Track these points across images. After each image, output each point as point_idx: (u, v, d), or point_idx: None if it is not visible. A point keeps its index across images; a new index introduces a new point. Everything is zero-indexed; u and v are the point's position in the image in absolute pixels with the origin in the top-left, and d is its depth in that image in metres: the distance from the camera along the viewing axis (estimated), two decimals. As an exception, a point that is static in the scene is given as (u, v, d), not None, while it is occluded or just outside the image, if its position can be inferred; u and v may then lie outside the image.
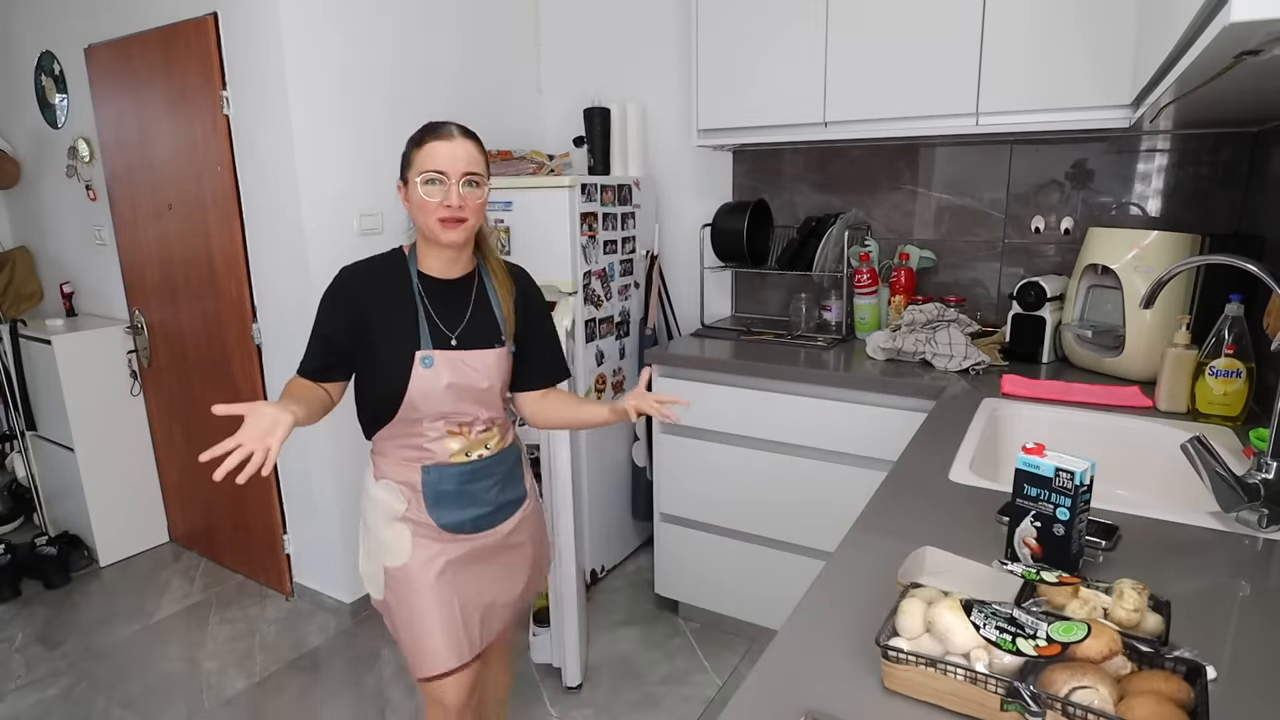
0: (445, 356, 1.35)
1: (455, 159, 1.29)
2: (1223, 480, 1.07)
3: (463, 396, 1.38)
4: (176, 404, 2.93)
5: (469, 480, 1.42)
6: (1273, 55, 0.86)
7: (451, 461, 1.41)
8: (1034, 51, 1.87)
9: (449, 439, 1.40)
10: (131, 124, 2.72)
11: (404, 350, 1.34)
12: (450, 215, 1.29)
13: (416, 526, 1.41)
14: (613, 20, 2.90)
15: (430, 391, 1.34)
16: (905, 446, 1.43)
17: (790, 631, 0.85)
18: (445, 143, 1.30)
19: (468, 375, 1.37)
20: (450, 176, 1.28)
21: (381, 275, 1.38)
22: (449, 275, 1.40)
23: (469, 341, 1.38)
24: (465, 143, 1.31)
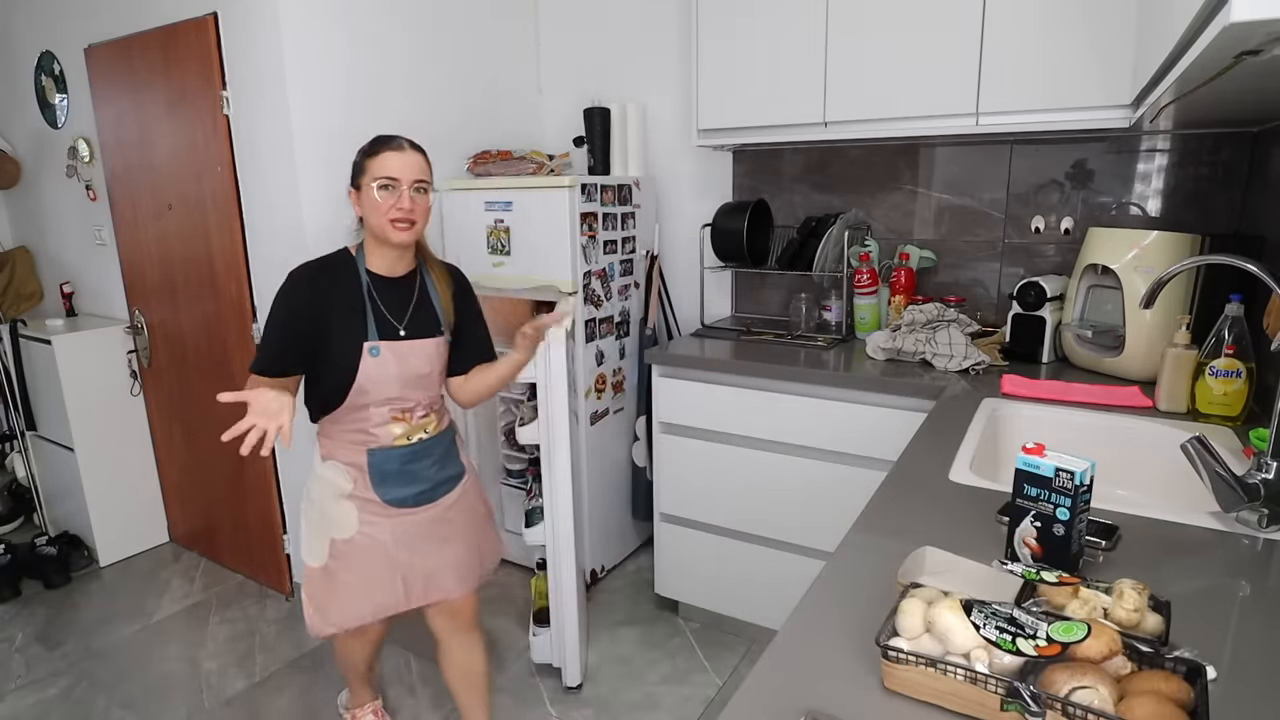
0: (391, 346, 1.52)
1: (407, 167, 1.48)
2: (1223, 480, 1.07)
3: (407, 383, 1.55)
4: (176, 404, 2.93)
5: (410, 461, 1.60)
6: (1273, 55, 0.86)
7: (395, 444, 1.58)
8: (1034, 51, 1.87)
9: (392, 424, 1.57)
10: (131, 124, 2.72)
11: (354, 341, 1.50)
12: (402, 216, 1.47)
13: (363, 503, 1.59)
14: (613, 20, 2.90)
15: (378, 378, 1.52)
16: (905, 446, 1.43)
17: (790, 631, 0.85)
18: (397, 153, 1.48)
19: (411, 363, 1.55)
20: (402, 183, 1.47)
21: (333, 273, 1.53)
22: (394, 273, 1.57)
23: (414, 332, 1.56)
24: (415, 154, 1.51)
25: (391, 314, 1.54)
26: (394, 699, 2.17)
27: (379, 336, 1.51)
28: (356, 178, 1.51)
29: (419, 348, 1.56)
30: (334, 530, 1.60)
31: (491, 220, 2.52)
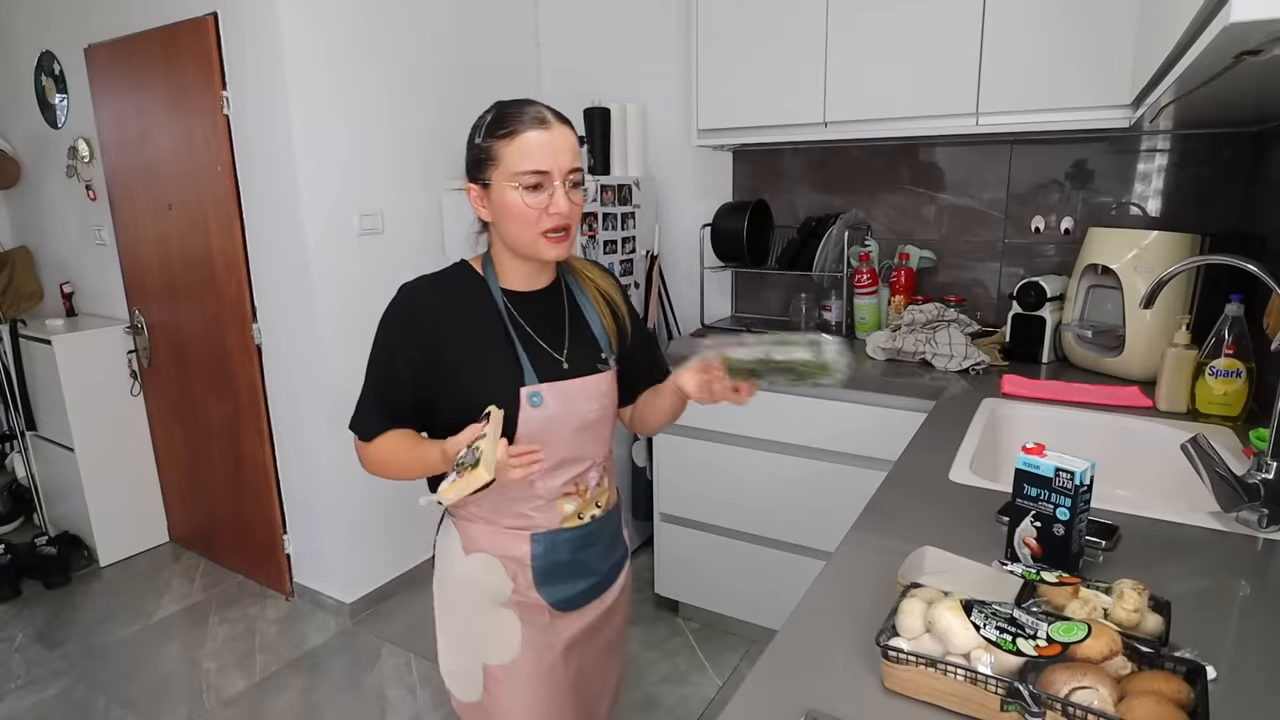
0: (555, 389, 1.09)
1: (560, 152, 1.04)
2: (1223, 480, 1.07)
3: (578, 437, 1.13)
4: (176, 404, 2.93)
5: (583, 546, 1.18)
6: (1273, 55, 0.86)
7: (564, 526, 1.15)
8: (1034, 51, 1.87)
9: (562, 501, 1.14)
10: (131, 124, 2.72)
11: (505, 388, 1.06)
12: (558, 225, 1.04)
13: (524, 610, 1.16)
14: (613, 20, 2.90)
15: (542, 435, 1.07)
16: (905, 446, 1.43)
17: (790, 631, 0.85)
18: (543, 133, 1.02)
19: (580, 408, 1.11)
20: (554, 176, 1.03)
21: (457, 292, 1.11)
22: (535, 286, 1.15)
23: (578, 366, 1.12)
24: (565, 131, 1.06)
25: (546, 344, 1.12)
26: (394, 699, 2.17)
27: (538, 378, 1.08)
28: (481, 170, 1.06)
29: (587, 387, 1.12)
30: (490, 653, 1.16)
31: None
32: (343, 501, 2.52)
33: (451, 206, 2.66)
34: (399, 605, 2.64)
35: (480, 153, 1.06)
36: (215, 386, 2.72)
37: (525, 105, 1.05)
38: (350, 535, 2.56)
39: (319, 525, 2.59)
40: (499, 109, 1.06)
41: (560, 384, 1.09)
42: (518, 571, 1.14)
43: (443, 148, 2.72)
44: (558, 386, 1.09)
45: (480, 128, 1.06)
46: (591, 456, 1.16)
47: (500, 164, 1.03)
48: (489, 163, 1.04)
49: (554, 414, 1.09)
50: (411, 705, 2.14)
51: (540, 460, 0.98)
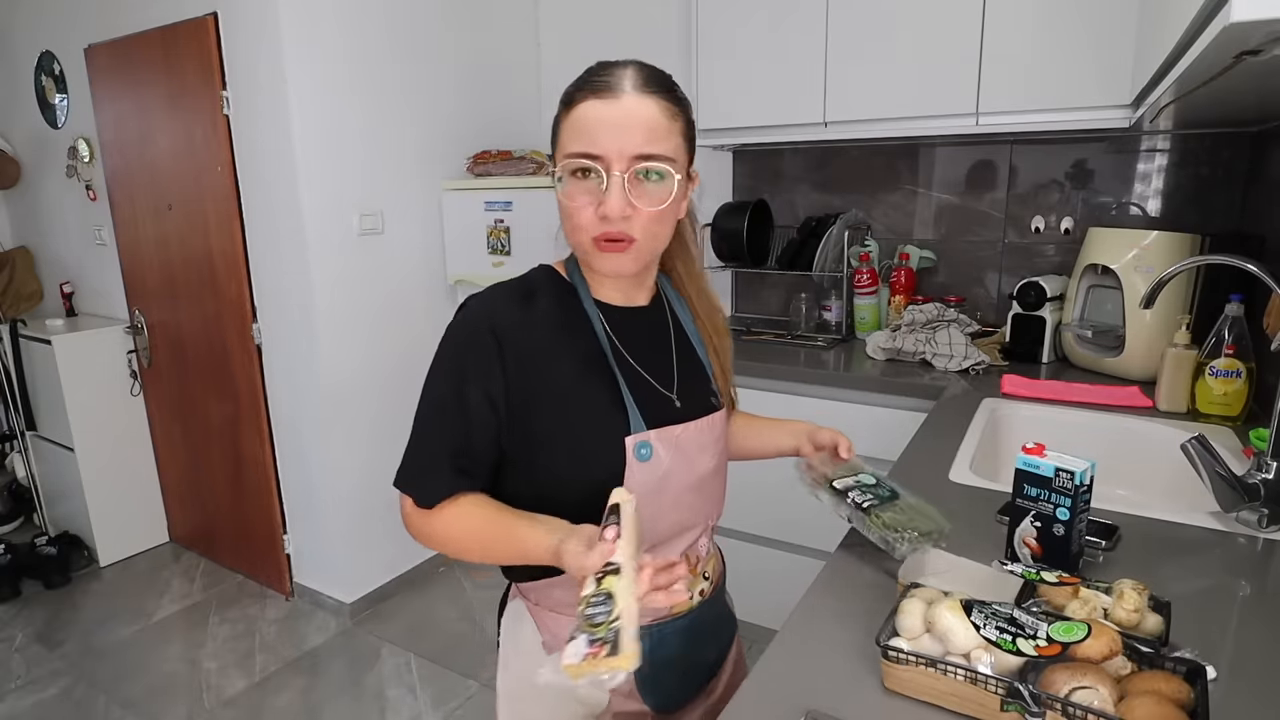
0: (666, 438, 0.84)
1: (622, 132, 0.76)
2: (1223, 480, 1.07)
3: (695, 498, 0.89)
4: (176, 404, 2.93)
5: (694, 634, 0.93)
6: (1273, 55, 0.86)
7: (674, 613, 0.90)
8: (1034, 51, 1.87)
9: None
10: (131, 124, 2.72)
11: (605, 435, 0.82)
12: (609, 231, 0.78)
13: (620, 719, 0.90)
14: (613, 20, 2.90)
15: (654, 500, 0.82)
16: (905, 446, 1.43)
17: (790, 631, 0.85)
18: (605, 103, 0.76)
19: (696, 460, 0.87)
20: (610, 162, 0.76)
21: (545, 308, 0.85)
22: (634, 303, 0.90)
23: (690, 405, 0.88)
24: (643, 103, 0.77)
25: (653, 376, 0.87)
26: (394, 699, 2.17)
27: (645, 423, 0.83)
28: (552, 150, 0.83)
29: (703, 432, 0.89)
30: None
31: (491, 220, 2.52)
32: (342, 501, 2.52)
33: (451, 206, 2.66)
34: (399, 605, 2.64)
35: (553, 127, 0.81)
36: (215, 386, 2.72)
37: (610, 66, 0.79)
38: (350, 535, 2.56)
39: (319, 525, 2.59)
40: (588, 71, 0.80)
41: (672, 430, 0.84)
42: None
43: (443, 148, 2.72)
44: (669, 433, 0.84)
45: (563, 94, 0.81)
46: (704, 520, 0.92)
47: (559, 143, 0.80)
48: (554, 141, 0.81)
49: (667, 469, 0.83)
50: (411, 705, 2.14)
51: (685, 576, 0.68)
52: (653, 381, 0.86)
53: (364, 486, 2.55)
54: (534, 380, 0.81)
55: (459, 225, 2.64)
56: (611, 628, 0.61)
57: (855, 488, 0.99)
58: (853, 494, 0.98)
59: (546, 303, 0.86)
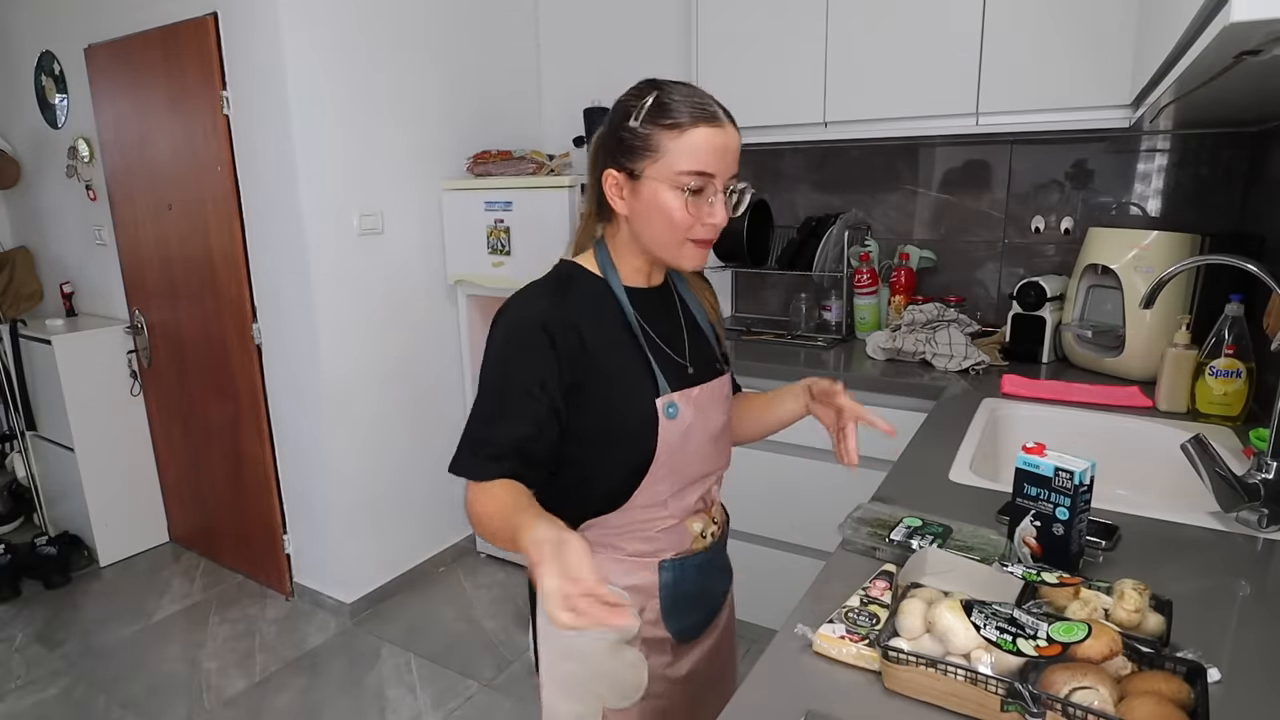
0: (687, 398, 1.00)
1: (728, 155, 0.92)
2: (1223, 480, 1.07)
3: (713, 448, 1.05)
4: (176, 404, 2.93)
5: (709, 570, 1.10)
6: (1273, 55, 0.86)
7: (694, 549, 1.06)
8: (1034, 51, 1.87)
9: (692, 520, 1.04)
10: (131, 124, 2.72)
11: (640, 399, 0.96)
12: (709, 237, 0.95)
13: (650, 646, 1.05)
14: (613, 20, 2.90)
15: (680, 449, 0.99)
16: (905, 446, 1.43)
17: (790, 631, 0.85)
18: (716, 132, 0.91)
19: (712, 417, 1.03)
20: (718, 180, 0.92)
21: (581, 298, 0.98)
22: (653, 283, 1.05)
23: (701, 370, 1.03)
24: (734, 133, 0.94)
25: (669, 347, 1.02)
26: (394, 699, 2.17)
27: (670, 386, 0.98)
28: (632, 158, 0.92)
29: (714, 392, 1.04)
30: (614, 697, 1.03)
31: (491, 220, 2.52)
32: (343, 501, 2.52)
33: (451, 206, 2.66)
34: (399, 605, 2.64)
35: (635, 139, 0.91)
36: (215, 386, 2.72)
37: (693, 93, 0.93)
38: (350, 535, 2.56)
39: (319, 525, 2.59)
40: (661, 92, 0.93)
41: (690, 391, 1.00)
42: (645, 604, 1.03)
43: (443, 147, 2.72)
44: (689, 394, 1.00)
45: (638, 111, 0.92)
46: (718, 468, 1.09)
47: (661, 158, 0.90)
48: (645, 153, 0.91)
49: (690, 424, 0.99)
50: (411, 705, 2.14)
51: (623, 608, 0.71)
52: (670, 352, 1.01)
53: (364, 486, 2.54)
54: (581, 364, 0.94)
55: (459, 225, 2.64)
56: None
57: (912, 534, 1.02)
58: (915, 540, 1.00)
59: (581, 293, 0.98)
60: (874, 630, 0.81)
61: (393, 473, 2.63)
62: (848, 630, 0.81)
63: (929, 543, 0.98)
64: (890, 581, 0.91)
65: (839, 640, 0.80)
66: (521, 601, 2.63)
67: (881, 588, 0.90)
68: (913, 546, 0.98)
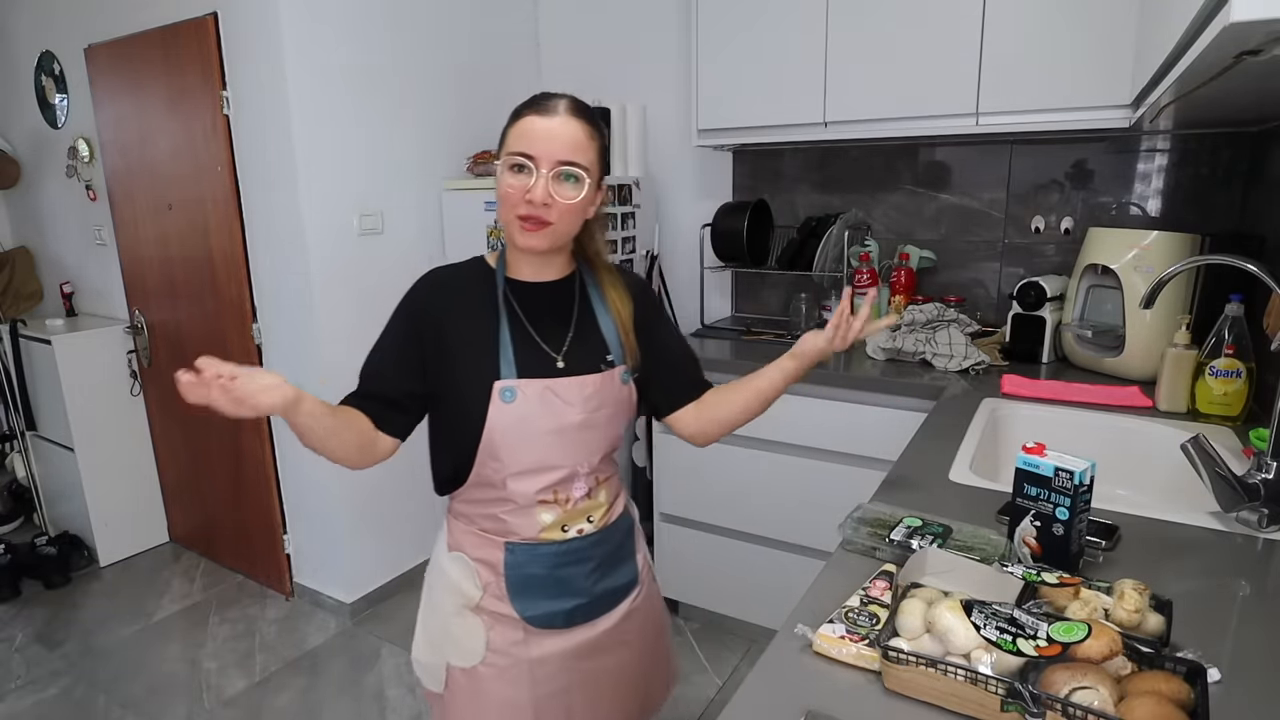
0: (536, 386, 1.03)
1: (552, 140, 1.00)
2: (1223, 480, 1.07)
3: (559, 442, 1.06)
4: (176, 404, 2.90)
5: (563, 563, 1.10)
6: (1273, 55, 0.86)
7: (542, 538, 1.09)
8: (1034, 51, 1.87)
9: (540, 509, 1.08)
10: (131, 124, 2.72)
11: (479, 379, 1.03)
12: (531, 213, 1.00)
13: (493, 619, 1.11)
14: (613, 20, 2.90)
15: (513, 434, 1.03)
16: (905, 446, 1.43)
17: (790, 631, 0.85)
18: (543, 119, 1.01)
19: (563, 411, 1.05)
20: (540, 163, 1.00)
21: (465, 282, 1.10)
22: (542, 278, 1.10)
23: (575, 365, 1.07)
24: (570, 123, 1.03)
25: (542, 336, 1.07)
26: (394, 699, 2.17)
27: (517, 371, 1.03)
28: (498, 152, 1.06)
29: (578, 388, 1.06)
30: (453, 654, 1.13)
31: (491, 220, 2.52)
32: (342, 501, 2.52)
33: (451, 206, 2.66)
34: (399, 605, 2.64)
35: (501, 137, 1.06)
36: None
37: (550, 95, 1.05)
38: (350, 535, 2.56)
39: (319, 525, 2.59)
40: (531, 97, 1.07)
41: (544, 381, 1.04)
42: (490, 579, 1.10)
43: (443, 148, 2.72)
44: (544, 384, 1.04)
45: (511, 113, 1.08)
46: (572, 464, 1.08)
47: (504, 145, 1.04)
48: (500, 145, 1.05)
49: (527, 413, 1.03)
50: (411, 705, 2.14)
51: (229, 379, 0.88)
52: (540, 342, 1.07)
53: (364, 486, 2.54)
54: (444, 337, 1.06)
55: (459, 225, 2.64)
56: None
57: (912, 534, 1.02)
58: (915, 540, 1.00)
59: (468, 281, 1.10)
60: (874, 630, 0.81)
61: (393, 472, 2.62)
62: (848, 630, 0.82)
63: (929, 543, 0.98)
64: (890, 581, 0.91)
65: (839, 640, 0.80)
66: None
67: (881, 588, 0.91)
68: (913, 546, 0.98)
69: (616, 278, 1.17)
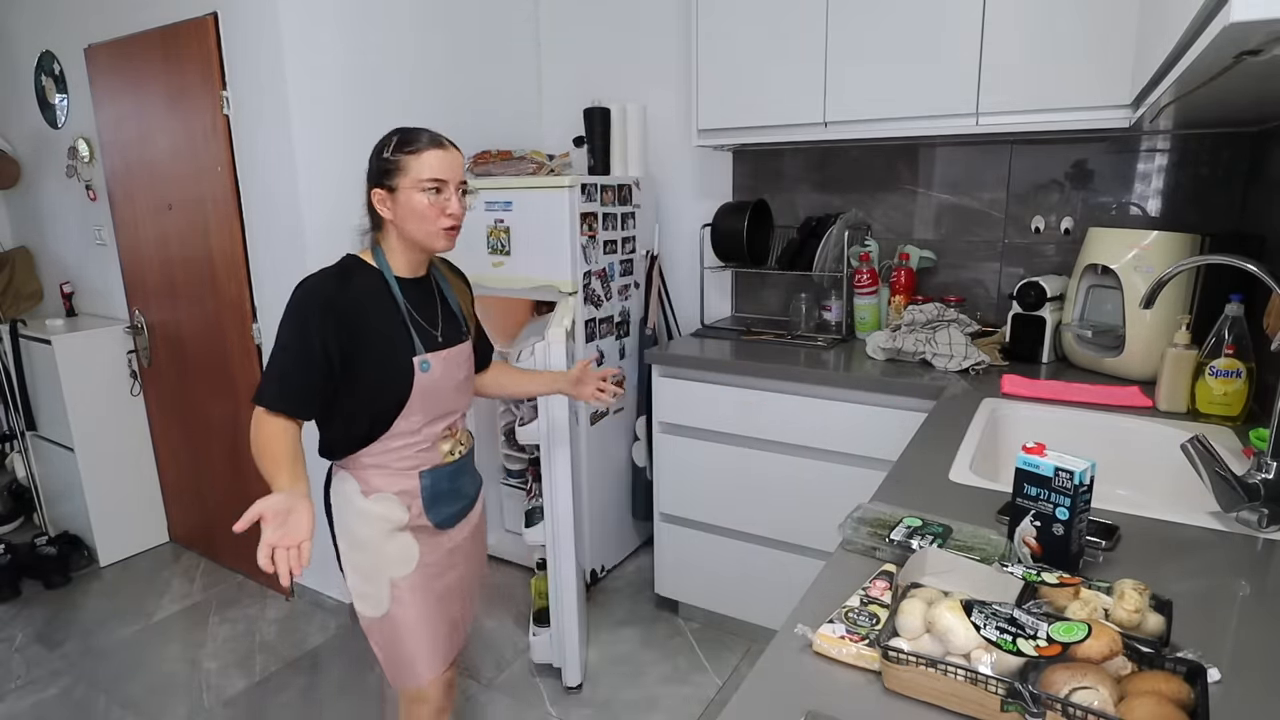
0: (439, 357, 1.39)
1: (454, 167, 1.33)
2: (1223, 480, 1.07)
3: (455, 393, 1.46)
4: (176, 404, 2.93)
5: (458, 475, 1.50)
6: (1273, 55, 0.86)
7: (444, 462, 1.46)
8: (1034, 51, 1.87)
9: (442, 442, 1.45)
10: (131, 124, 2.72)
11: (403, 357, 1.34)
12: (454, 224, 1.34)
13: (416, 531, 1.45)
14: (613, 20, 2.90)
15: (432, 393, 1.39)
16: (905, 446, 1.43)
17: (790, 631, 0.85)
18: (443, 151, 1.33)
19: (454, 372, 1.43)
20: (450, 184, 1.33)
21: (360, 282, 1.34)
22: (417, 274, 1.43)
23: (449, 337, 1.43)
24: (457, 153, 1.37)
25: (426, 319, 1.40)
26: (394, 699, 2.17)
27: (424, 348, 1.36)
28: (389, 178, 1.31)
29: (459, 354, 1.44)
30: (393, 569, 1.43)
31: (491, 220, 2.52)
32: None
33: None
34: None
35: (389, 164, 1.31)
36: (215, 386, 2.72)
37: (423, 130, 1.34)
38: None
39: (318, 525, 2.58)
40: (402, 132, 1.34)
41: (439, 353, 1.39)
42: (411, 502, 1.42)
43: (443, 148, 2.71)
44: (439, 354, 1.39)
45: (388, 145, 1.32)
46: (463, 407, 1.50)
47: (406, 173, 1.30)
48: (397, 172, 1.30)
49: (438, 376, 1.38)
50: (411, 705, 2.14)
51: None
52: (425, 324, 1.40)
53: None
54: (355, 333, 1.29)
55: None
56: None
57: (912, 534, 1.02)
58: (915, 540, 1.00)
59: (360, 280, 1.35)
60: (874, 630, 0.82)
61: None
62: (848, 630, 0.82)
63: (929, 543, 0.98)
64: (890, 581, 0.92)
65: (839, 640, 0.80)
66: (522, 601, 2.63)
67: (881, 588, 0.91)
68: (913, 546, 0.98)
69: (455, 271, 1.56)
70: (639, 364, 2.75)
